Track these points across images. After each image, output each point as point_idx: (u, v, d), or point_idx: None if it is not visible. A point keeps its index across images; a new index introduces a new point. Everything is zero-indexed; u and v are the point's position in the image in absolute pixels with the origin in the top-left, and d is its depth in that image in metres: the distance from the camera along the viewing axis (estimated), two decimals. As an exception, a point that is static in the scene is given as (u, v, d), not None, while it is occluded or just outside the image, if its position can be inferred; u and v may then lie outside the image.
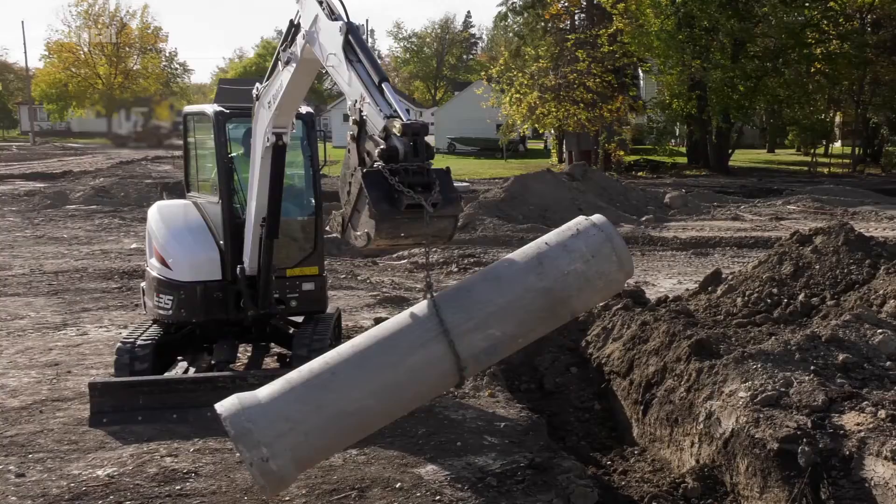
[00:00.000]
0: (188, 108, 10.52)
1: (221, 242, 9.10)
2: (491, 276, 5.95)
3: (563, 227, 6.23)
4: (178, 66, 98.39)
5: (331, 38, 6.27)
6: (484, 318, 5.62)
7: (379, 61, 6.53)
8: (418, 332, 5.51)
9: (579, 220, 6.20)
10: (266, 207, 8.47)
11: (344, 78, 6.10)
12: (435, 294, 5.63)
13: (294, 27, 7.22)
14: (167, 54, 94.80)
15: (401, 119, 5.41)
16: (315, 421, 5.33)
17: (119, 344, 8.95)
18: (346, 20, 6.17)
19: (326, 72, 6.90)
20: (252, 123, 8.48)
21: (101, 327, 12.26)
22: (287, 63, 7.28)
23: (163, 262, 9.14)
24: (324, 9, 6.48)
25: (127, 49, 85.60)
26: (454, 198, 5.45)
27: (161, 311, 9.15)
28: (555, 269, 5.82)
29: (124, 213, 26.22)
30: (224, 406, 5.33)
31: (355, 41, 6.10)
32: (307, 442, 5.32)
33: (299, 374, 5.55)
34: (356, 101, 5.77)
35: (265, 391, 5.45)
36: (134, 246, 19.82)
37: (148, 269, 9.43)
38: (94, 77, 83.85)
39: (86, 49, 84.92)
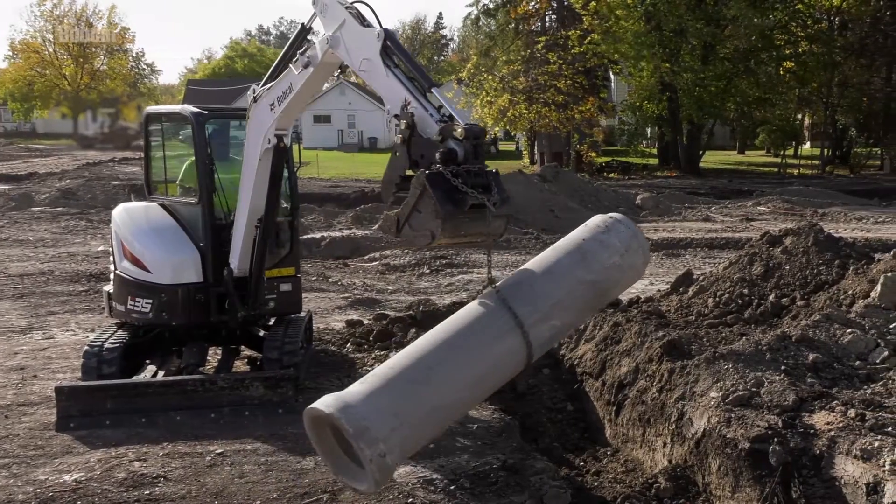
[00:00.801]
0: (152, 109, 10.38)
1: (202, 244, 9.02)
2: (544, 270, 6.21)
3: (589, 224, 6.65)
4: (145, 66, 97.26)
5: (366, 44, 6.51)
6: (547, 310, 5.98)
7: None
8: (496, 326, 5.76)
9: (604, 218, 6.68)
10: (262, 209, 8.49)
11: (382, 82, 6.37)
12: (498, 288, 5.87)
13: (306, 31, 7.48)
14: (134, 55, 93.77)
15: (459, 123, 5.73)
16: (418, 414, 5.47)
17: (86, 347, 8.83)
18: (382, 27, 6.48)
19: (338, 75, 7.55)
20: (247, 125, 8.44)
21: (67, 331, 12.09)
22: (306, 66, 7.36)
23: (139, 265, 9.01)
24: (353, 15, 6.71)
25: (93, 49, 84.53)
26: (508, 198, 5.78)
27: (137, 315, 9.02)
28: (597, 263, 6.31)
29: (91, 216, 25.91)
30: (328, 405, 5.24)
31: (394, 47, 6.40)
32: (412, 435, 5.46)
33: (391, 370, 5.57)
34: (403, 105, 6.04)
35: (360, 389, 5.42)
36: (101, 248, 19.57)
37: (118, 271, 9.24)
38: (59, 77, 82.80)
39: (50, 49, 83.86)
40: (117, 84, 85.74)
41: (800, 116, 56.25)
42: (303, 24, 7.60)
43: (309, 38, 7.46)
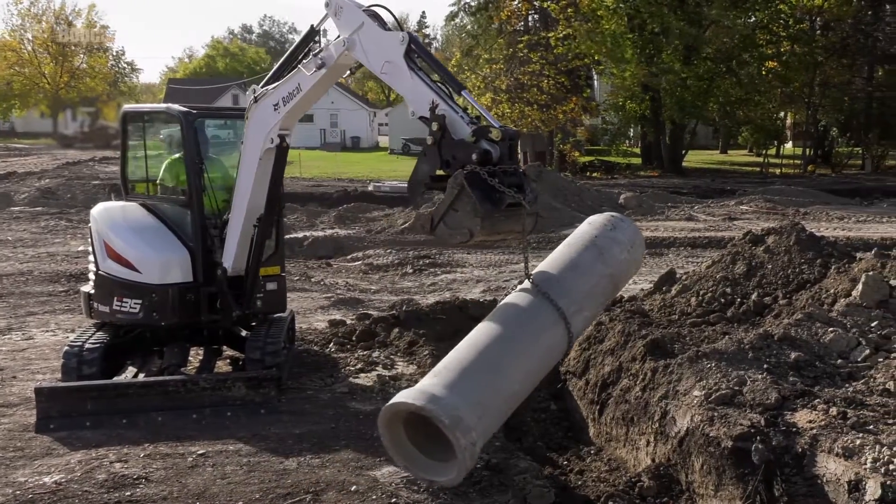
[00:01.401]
0: (130, 107, 10.24)
1: (192, 244, 8.97)
2: (571, 265, 6.57)
3: (595, 223, 7.12)
4: (125, 65, 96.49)
5: (389, 47, 6.74)
6: (581, 301, 6.42)
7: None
8: (543, 318, 6.09)
9: (608, 217, 7.23)
10: (261, 208, 8.54)
11: (407, 84, 6.60)
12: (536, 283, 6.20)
13: (315, 32, 7.71)
14: (114, 53, 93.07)
15: (494, 125, 6.02)
16: (496, 403, 5.73)
17: (66, 348, 8.74)
18: (405, 31, 6.75)
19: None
20: (245, 125, 8.45)
21: (47, 331, 11.98)
22: (320, 67, 7.48)
23: (126, 265, 8.92)
24: (371, 17, 6.92)
25: (73, 48, 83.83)
26: (537, 196, 6.14)
27: (124, 316, 8.93)
28: (612, 257, 6.78)
29: (71, 215, 25.72)
30: (417, 398, 5.34)
31: (419, 50, 6.67)
32: (492, 423, 5.72)
33: (460, 363, 5.71)
34: (430, 106, 6.27)
35: (438, 381, 5.52)
36: (81, 248, 19.40)
37: (102, 272, 9.12)
38: (38, 76, 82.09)
39: (29, 48, 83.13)
40: (97, 83, 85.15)
41: (782, 116, 56.53)
42: (312, 25, 7.82)
43: (316, 39, 7.70)
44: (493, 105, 44.68)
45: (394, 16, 7.08)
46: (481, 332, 6.03)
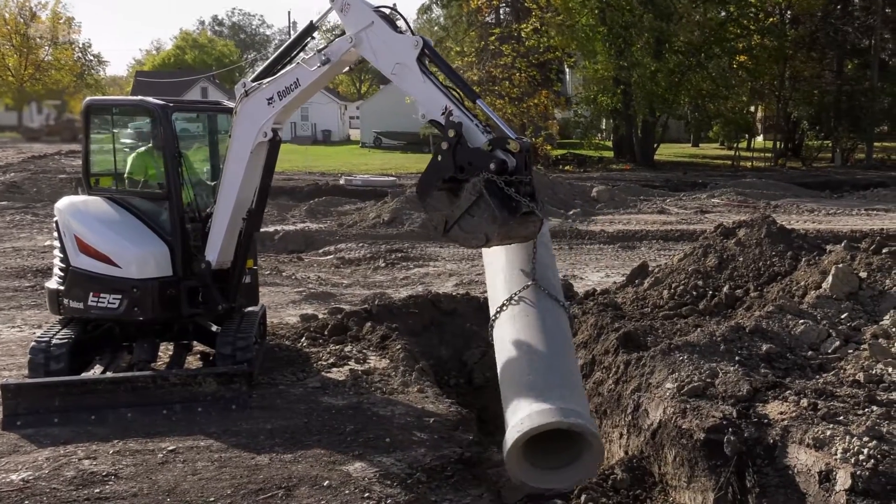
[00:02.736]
0: (95, 100, 9.99)
1: (170, 238, 8.87)
2: (543, 265, 6.99)
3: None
4: (92, 57, 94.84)
5: (401, 50, 6.91)
6: (559, 289, 7.14)
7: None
8: (558, 312, 6.70)
9: None
10: (250, 201, 8.57)
11: (419, 87, 6.80)
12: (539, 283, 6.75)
13: (313, 28, 7.85)
14: (80, 45, 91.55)
15: (511, 137, 6.26)
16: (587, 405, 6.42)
17: (33, 343, 8.61)
18: (418, 35, 6.91)
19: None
20: (233, 119, 8.39)
21: (13, 327, 11.79)
22: (325, 63, 7.50)
23: (104, 260, 8.77)
24: (382, 18, 7.04)
25: (37, 40, 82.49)
26: (543, 203, 6.63)
27: (100, 311, 8.79)
28: (552, 255, 7.51)
29: (37, 210, 25.32)
30: (564, 416, 5.68)
31: (432, 56, 6.87)
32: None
33: (539, 376, 6.10)
34: (442, 112, 6.51)
35: (545, 397, 5.88)
36: (48, 243, 19.14)
37: (74, 267, 8.94)
38: (2, 69, 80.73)
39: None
40: (63, 75, 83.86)
41: (752, 109, 56.94)
42: (311, 21, 7.93)
43: (313, 35, 7.90)
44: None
45: (405, 20, 7.17)
46: (530, 341, 6.43)
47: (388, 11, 7.15)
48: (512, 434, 5.69)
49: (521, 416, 5.76)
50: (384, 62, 7.08)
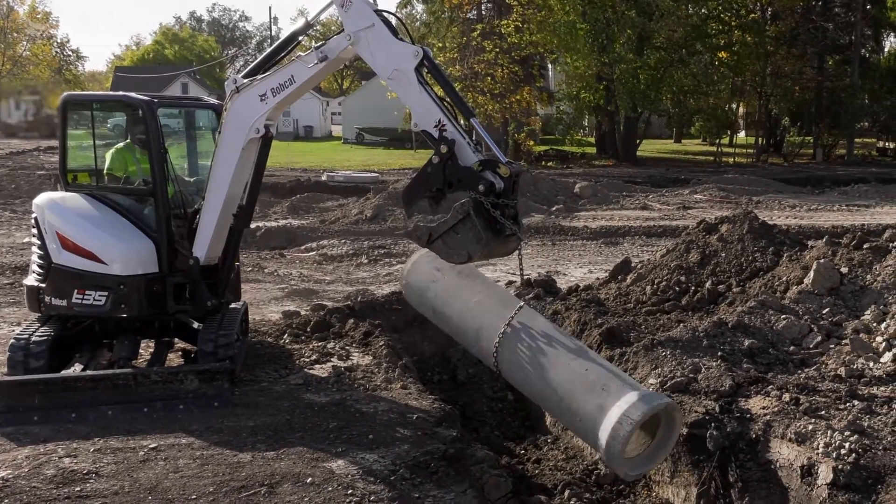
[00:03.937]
0: (73, 95, 9.87)
1: (156, 234, 8.81)
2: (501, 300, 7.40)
3: (426, 265, 7.95)
4: (70, 52, 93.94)
5: (401, 57, 6.97)
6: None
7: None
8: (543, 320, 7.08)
9: (430, 259, 7.78)
10: (239, 196, 8.52)
11: (415, 97, 6.90)
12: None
13: (310, 26, 7.97)
14: (59, 41, 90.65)
15: (502, 161, 6.43)
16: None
17: (12, 341, 8.52)
18: (419, 46, 7.00)
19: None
20: (224, 116, 8.35)
21: (-8, 324, 11.69)
22: (322, 60, 7.54)
23: (89, 257, 8.69)
24: (384, 22, 7.10)
25: (14, 35, 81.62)
26: (523, 226, 6.84)
27: (85, 308, 8.70)
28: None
29: (15, 206, 25.11)
30: (651, 400, 5.80)
31: (431, 68, 6.93)
32: None
33: (588, 374, 6.20)
34: (436, 124, 6.66)
35: (624, 392, 5.91)
36: (27, 240, 18.98)
37: (57, 264, 8.83)
38: (-22, 65, 79.90)
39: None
40: (41, 70, 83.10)
41: (734, 106, 57.23)
42: (306, 20, 8.06)
43: (308, 33, 8.08)
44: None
45: (408, 30, 7.31)
46: (559, 343, 6.61)
47: (394, 21, 7.21)
48: (625, 428, 5.65)
49: (622, 409, 5.72)
50: (382, 65, 7.15)
